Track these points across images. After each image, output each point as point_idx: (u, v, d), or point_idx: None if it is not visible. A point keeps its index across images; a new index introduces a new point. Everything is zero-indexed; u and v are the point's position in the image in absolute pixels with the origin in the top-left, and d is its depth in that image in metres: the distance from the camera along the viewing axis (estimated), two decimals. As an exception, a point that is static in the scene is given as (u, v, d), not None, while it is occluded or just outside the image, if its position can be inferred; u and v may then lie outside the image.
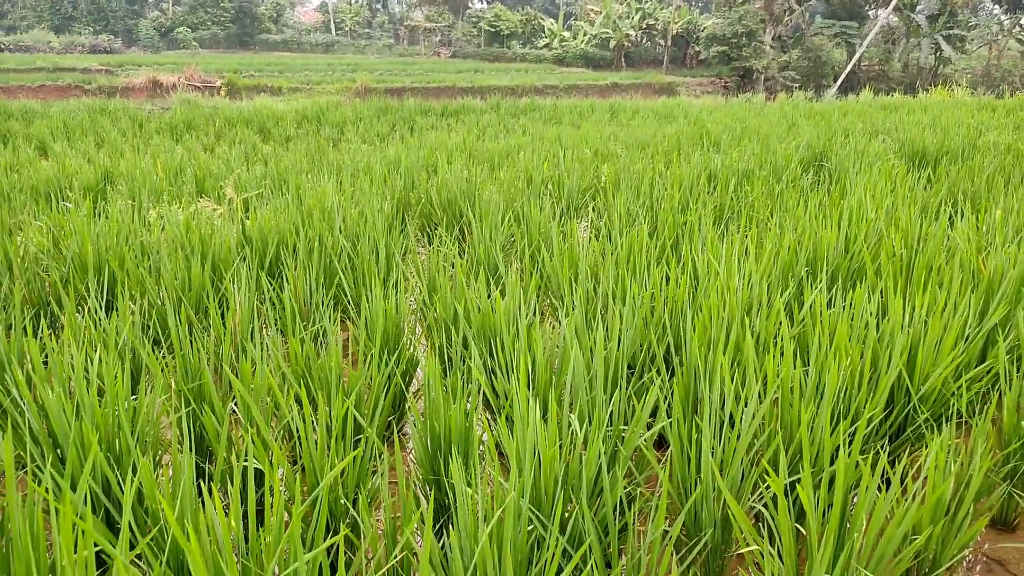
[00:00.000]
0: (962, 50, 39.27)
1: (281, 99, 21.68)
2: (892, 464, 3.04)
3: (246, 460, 2.33)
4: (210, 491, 2.44)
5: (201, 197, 6.82)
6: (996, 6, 44.53)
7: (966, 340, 3.40)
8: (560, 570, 2.15)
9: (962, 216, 5.66)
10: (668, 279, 4.08)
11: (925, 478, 2.79)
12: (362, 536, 2.13)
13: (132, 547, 2.15)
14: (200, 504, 1.99)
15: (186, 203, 6.33)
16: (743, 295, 3.51)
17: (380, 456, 2.69)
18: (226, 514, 2.24)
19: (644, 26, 48.15)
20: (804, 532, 2.34)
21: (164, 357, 3.23)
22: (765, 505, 2.58)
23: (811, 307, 3.46)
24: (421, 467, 2.61)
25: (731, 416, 2.92)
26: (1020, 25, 41.71)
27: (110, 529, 2.30)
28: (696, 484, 2.43)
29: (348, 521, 2.41)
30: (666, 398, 2.97)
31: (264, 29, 59.82)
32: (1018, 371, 3.36)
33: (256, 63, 37.08)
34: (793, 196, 6.18)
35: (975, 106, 18.10)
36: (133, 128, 13.36)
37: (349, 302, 4.11)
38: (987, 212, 5.54)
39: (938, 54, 37.77)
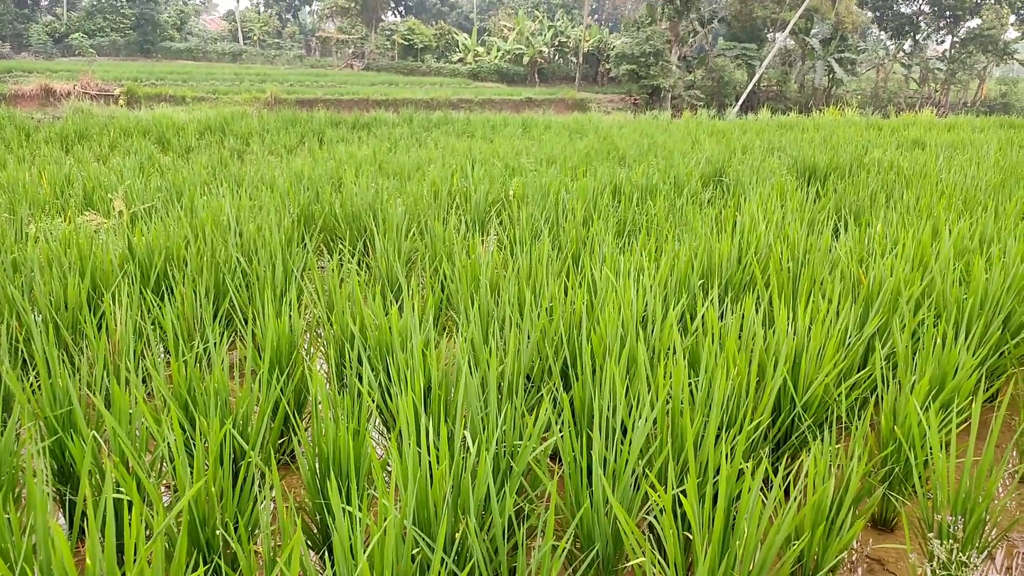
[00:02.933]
0: (852, 72, 41.76)
1: (184, 109, 20.89)
2: (777, 471, 3.13)
3: (113, 491, 2.18)
4: (71, 525, 2.27)
5: (88, 210, 6.45)
6: (882, 32, 47.64)
7: (847, 347, 3.55)
8: (447, 592, 2.10)
9: (846, 229, 5.95)
10: (568, 292, 4.11)
11: (807, 483, 2.89)
12: (239, 568, 2.02)
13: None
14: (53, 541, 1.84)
15: (71, 217, 5.98)
16: (638, 308, 3.56)
17: (265, 481, 2.58)
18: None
19: (556, 43, 49.03)
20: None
21: (32, 382, 3.01)
22: (656, 517, 2.60)
23: (703, 319, 3.55)
24: (309, 491, 2.52)
25: (624, 427, 2.95)
26: (903, 51, 44.71)
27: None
28: (590, 497, 2.43)
29: (230, 552, 2.29)
30: (559, 412, 2.97)
31: (167, 37, 57.49)
32: (894, 377, 3.54)
33: (158, 71, 35.62)
34: (693, 210, 6.36)
35: (863, 125, 19.22)
36: (19, 138, 12.58)
37: (241, 320, 3.96)
38: (869, 225, 5.84)
39: (831, 76, 40.00)
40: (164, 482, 2.71)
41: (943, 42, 46.82)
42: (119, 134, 13.41)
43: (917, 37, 45.60)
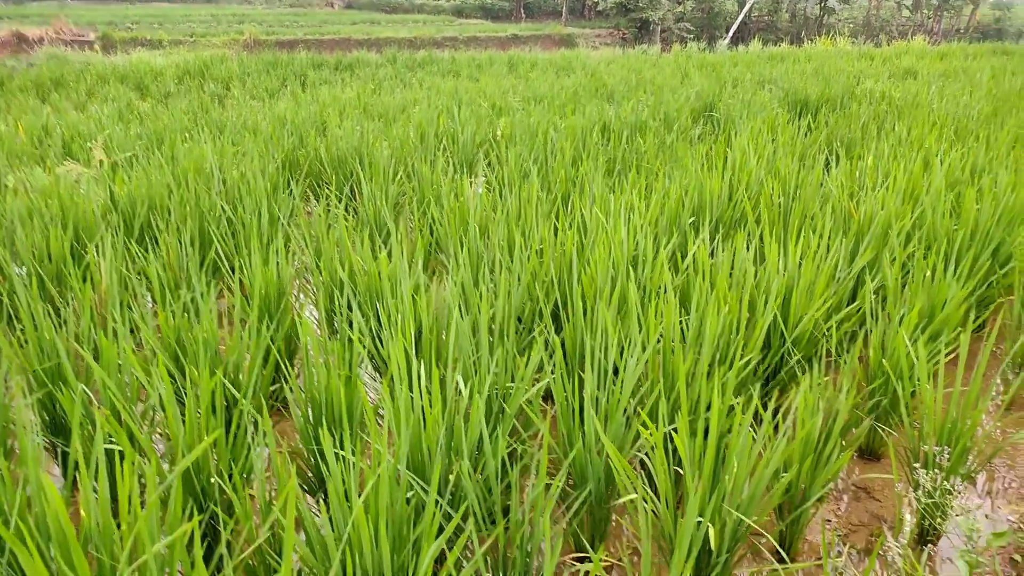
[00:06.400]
0: (845, 0, 40.88)
1: (161, 53, 20.29)
2: (766, 406, 3.17)
3: (105, 442, 2.18)
4: (68, 477, 2.28)
5: (67, 160, 6.32)
6: (876, -42, 46.44)
7: (837, 282, 3.55)
8: (442, 531, 2.13)
9: (838, 162, 5.90)
10: (557, 233, 4.07)
11: (796, 417, 2.92)
12: (234, 514, 2.04)
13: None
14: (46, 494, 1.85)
15: (50, 167, 5.86)
16: (629, 247, 3.54)
17: (257, 429, 2.59)
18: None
19: (542, -24, 47.69)
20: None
21: (18, 335, 2.99)
22: (647, 454, 2.63)
23: (694, 257, 3.54)
24: (302, 438, 2.53)
25: (616, 368, 2.97)
26: (897, -23, 43.72)
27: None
28: (582, 436, 2.45)
29: (225, 498, 2.31)
30: (551, 354, 2.97)
31: (141, -23, 55.63)
32: (884, 310, 3.56)
33: (133, 15, 34.63)
34: (683, 147, 6.28)
35: (855, 55, 18.92)
36: (-8, 86, 12.24)
37: (228, 269, 3.92)
38: (860, 159, 5.79)
39: (823, 4, 39.18)
40: (157, 431, 2.71)
41: (937, -33, 45.71)
42: (96, 81, 13.06)
43: (911, -38, 44.49)
